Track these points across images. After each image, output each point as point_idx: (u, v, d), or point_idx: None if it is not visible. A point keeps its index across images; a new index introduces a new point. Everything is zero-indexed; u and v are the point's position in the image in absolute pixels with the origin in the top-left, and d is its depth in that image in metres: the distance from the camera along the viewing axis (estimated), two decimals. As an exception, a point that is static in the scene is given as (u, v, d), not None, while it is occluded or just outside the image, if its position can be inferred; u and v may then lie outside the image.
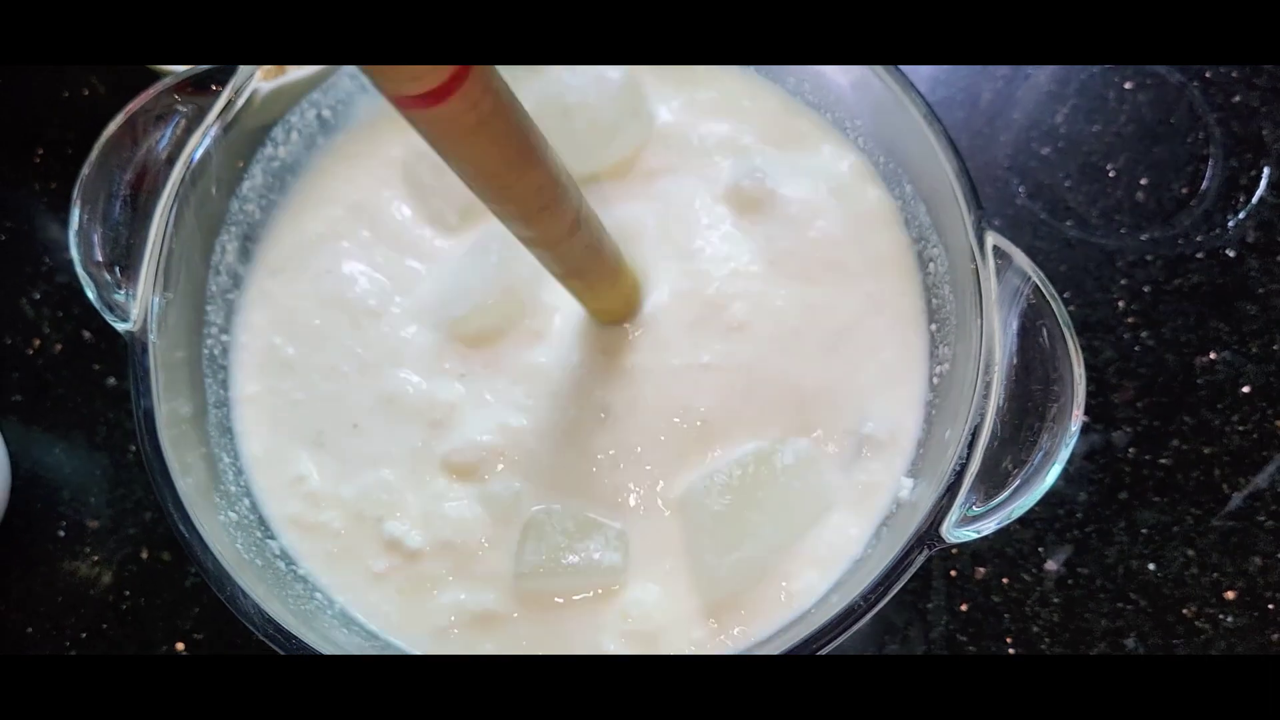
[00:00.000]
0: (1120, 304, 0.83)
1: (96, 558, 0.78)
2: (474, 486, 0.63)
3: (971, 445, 0.55)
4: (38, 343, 0.84)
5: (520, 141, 0.47)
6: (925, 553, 0.54)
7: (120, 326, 0.60)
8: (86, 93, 0.92)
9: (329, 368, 0.67)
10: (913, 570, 0.54)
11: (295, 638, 0.54)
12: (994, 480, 0.55)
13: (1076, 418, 0.55)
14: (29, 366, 0.83)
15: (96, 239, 0.61)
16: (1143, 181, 0.87)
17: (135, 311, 0.60)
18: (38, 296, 0.85)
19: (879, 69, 0.63)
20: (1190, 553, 0.77)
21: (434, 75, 0.40)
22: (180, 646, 0.75)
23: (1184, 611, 0.76)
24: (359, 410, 0.66)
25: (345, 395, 0.66)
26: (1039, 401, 0.56)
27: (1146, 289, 0.84)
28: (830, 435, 0.64)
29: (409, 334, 0.67)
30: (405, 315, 0.68)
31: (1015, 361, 0.56)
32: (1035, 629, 0.75)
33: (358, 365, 0.67)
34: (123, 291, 0.61)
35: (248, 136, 0.69)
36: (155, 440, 0.57)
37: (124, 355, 0.82)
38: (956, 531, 0.54)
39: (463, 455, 0.64)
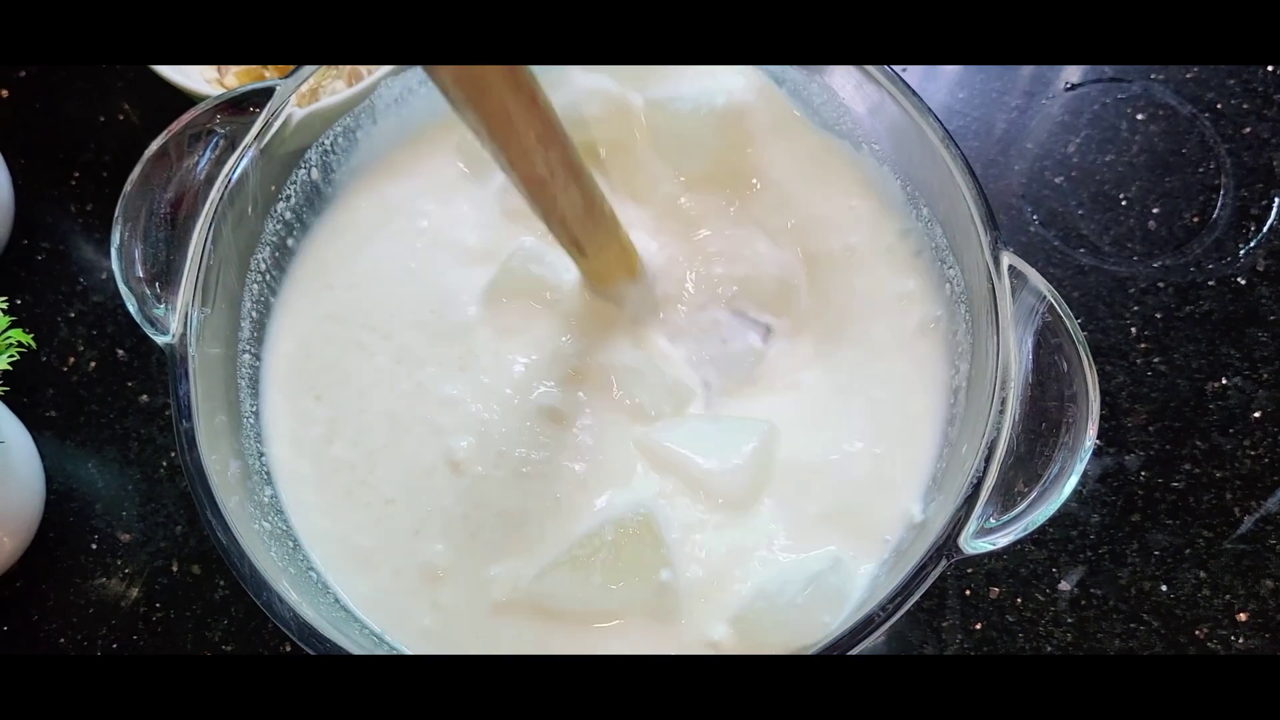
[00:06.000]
0: (1133, 330, 0.85)
1: (128, 570, 0.79)
2: None
3: (988, 460, 0.57)
4: (72, 360, 0.85)
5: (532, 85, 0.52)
6: (943, 563, 0.55)
7: (160, 339, 0.62)
8: (121, 118, 0.94)
9: (355, 383, 0.69)
10: (931, 580, 0.55)
11: (329, 641, 0.55)
12: (1010, 494, 0.56)
13: (1091, 434, 0.57)
14: (64, 383, 0.85)
15: (137, 255, 0.63)
16: (1154, 210, 0.89)
17: (175, 325, 0.62)
18: (73, 315, 0.87)
19: (895, 93, 0.65)
20: (1202, 574, 0.78)
21: None
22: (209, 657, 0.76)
23: (1196, 633, 0.76)
24: (383, 425, 0.68)
25: (370, 409, 0.68)
26: (1054, 418, 0.57)
27: (1158, 315, 0.85)
28: None
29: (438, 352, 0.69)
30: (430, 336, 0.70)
31: (1031, 379, 0.58)
32: (1049, 649, 0.76)
33: (382, 380, 0.69)
34: (162, 306, 0.62)
35: (282, 160, 0.71)
36: (195, 449, 0.59)
37: (157, 373, 0.85)
38: (974, 543, 0.55)
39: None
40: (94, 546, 0.80)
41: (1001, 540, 0.55)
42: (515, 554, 0.63)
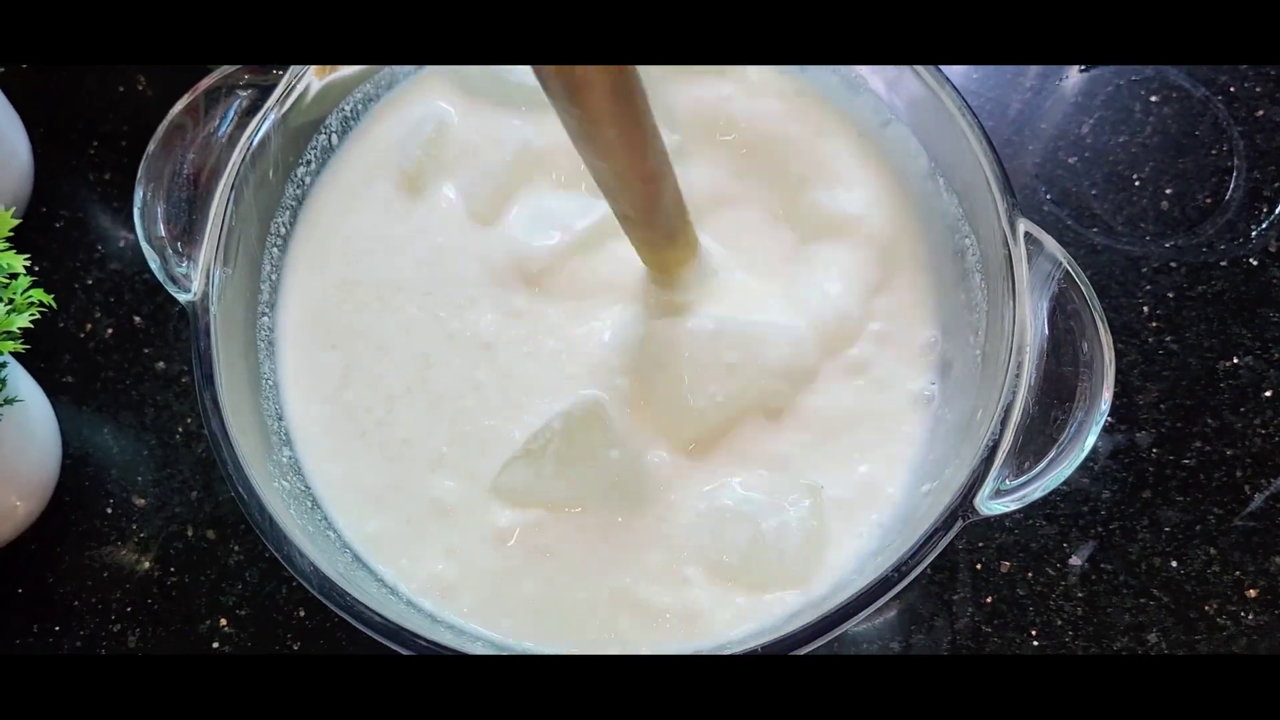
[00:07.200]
0: (1145, 309, 0.85)
1: (143, 535, 0.80)
2: None
3: (1004, 422, 0.57)
4: (90, 326, 0.86)
5: (641, 110, 0.50)
6: (959, 524, 0.56)
7: (182, 297, 0.62)
8: (140, 88, 0.95)
9: (375, 334, 0.70)
10: (946, 541, 0.56)
11: (349, 595, 0.55)
12: (1026, 456, 0.57)
13: (1106, 398, 0.57)
14: (81, 349, 0.85)
15: (160, 214, 0.64)
16: (1167, 191, 0.89)
17: (197, 283, 0.62)
18: (90, 282, 0.87)
19: (914, 65, 0.65)
20: (1212, 551, 0.78)
21: None
22: (224, 622, 0.77)
23: (1206, 608, 0.77)
24: (413, 365, 0.68)
25: (395, 351, 0.69)
26: (1070, 382, 0.58)
27: (1170, 295, 0.85)
28: None
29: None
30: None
31: (1046, 345, 0.58)
32: (1059, 623, 0.76)
33: (414, 326, 0.70)
34: (185, 264, 0.63)
35: (302, 128, 0.71)
36: (216, 405, 0.59)
37: (174, 340, 0.85)
38: (989, 504, 0.56)
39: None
40: (109, 511, 0.81)
41: (1016, 502, 0.56)
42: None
